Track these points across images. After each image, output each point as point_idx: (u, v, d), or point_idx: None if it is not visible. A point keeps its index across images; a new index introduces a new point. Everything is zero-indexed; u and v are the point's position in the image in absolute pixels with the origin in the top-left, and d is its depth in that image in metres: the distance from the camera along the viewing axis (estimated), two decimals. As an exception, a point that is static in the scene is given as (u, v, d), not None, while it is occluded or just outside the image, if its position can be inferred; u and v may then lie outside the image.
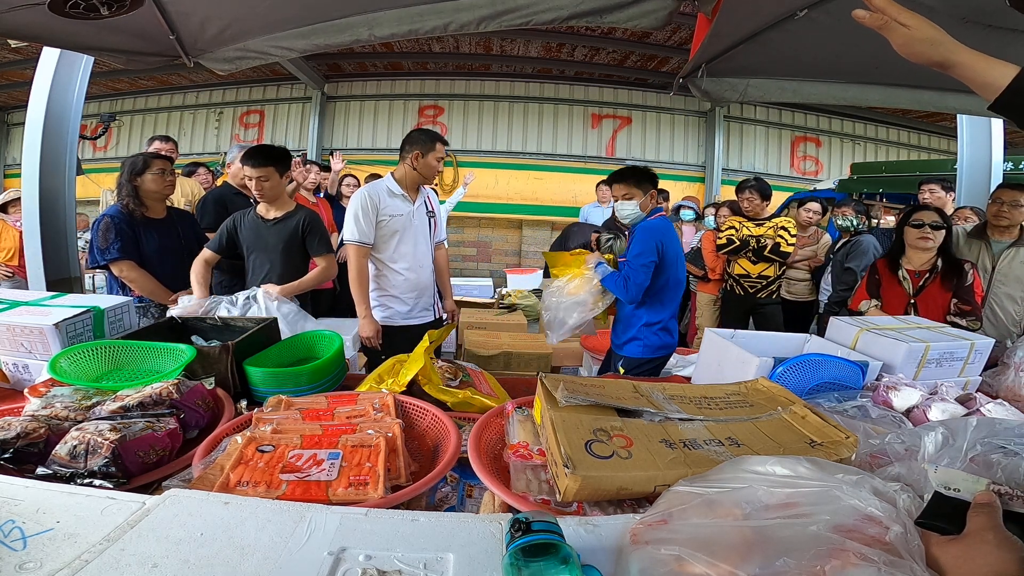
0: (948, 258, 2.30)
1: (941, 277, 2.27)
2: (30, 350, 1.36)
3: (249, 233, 2.33)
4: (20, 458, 0.88)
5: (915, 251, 2.35)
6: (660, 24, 1.87)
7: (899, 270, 2.37)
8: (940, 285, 2.27)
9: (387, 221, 2.35)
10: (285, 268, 2.31)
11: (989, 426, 0.75)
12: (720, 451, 0.82)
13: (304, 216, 2.37)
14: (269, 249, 2.33)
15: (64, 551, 0.61)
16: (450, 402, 1.27)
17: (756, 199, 3.70)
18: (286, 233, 2.33)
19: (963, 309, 2.20)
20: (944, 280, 2.26)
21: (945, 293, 2.26)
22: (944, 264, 2.28)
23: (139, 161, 2.38)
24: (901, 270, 2.36)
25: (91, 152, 8.29)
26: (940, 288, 2.27)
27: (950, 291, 2.25)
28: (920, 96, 2.48)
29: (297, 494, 0.80)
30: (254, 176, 2.25)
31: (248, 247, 2.35)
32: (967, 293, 2.22)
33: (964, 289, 2.23)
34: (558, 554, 0.55)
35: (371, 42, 2.24)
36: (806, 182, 8.12)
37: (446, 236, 2.74)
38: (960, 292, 2.23)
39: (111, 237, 2.29)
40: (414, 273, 2.45)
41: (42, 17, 1.81)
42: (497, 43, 7.11)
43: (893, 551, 0.52)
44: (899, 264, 2.38)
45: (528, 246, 8.25)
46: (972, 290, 2.23)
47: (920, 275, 2.32)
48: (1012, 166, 4.65)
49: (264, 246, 2.32)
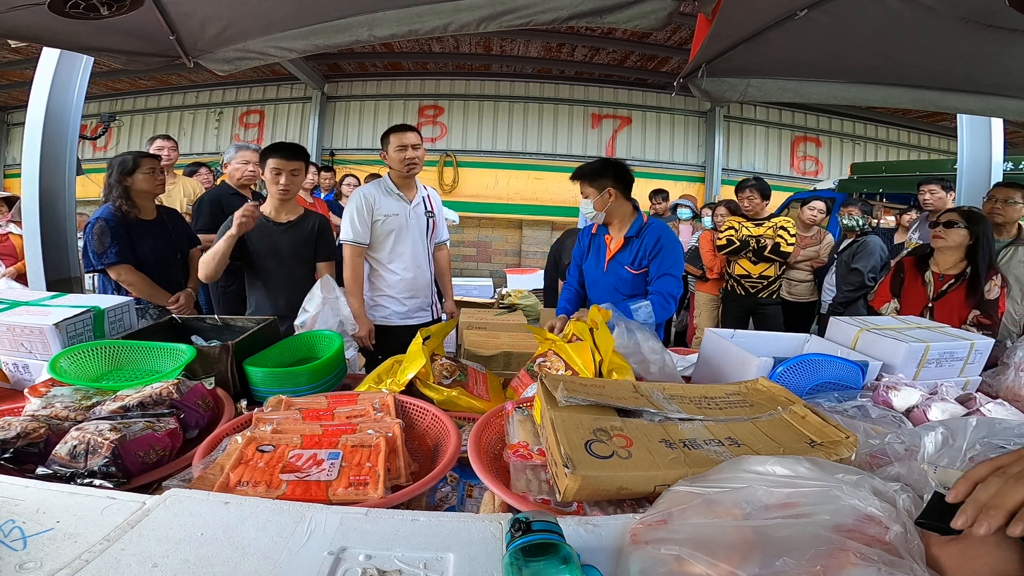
0: (978, 263, 2.19)
1: (967, 286, 2.19)
2: (30, 350, 1.36)
3: (258, 236, 2.17)
4: (20, 458, 0.88)
5: (939, 252, 2.28)
6: (660, 24, 1.86)
7: (927, 271, 2.31)
8: (963, 294, 2.20)
9: (382, 221, 2.34)
10: (295, 274, 2.24)
11: (989, 426, 0.75)
12: (720, 451, 0.82)
13: (318, 220, 2.31)
14: (280, 253, 2.21)
15: (64, 551, 0.62)
16: (436, 399, 1.27)
17: (756, 198, 3.70)
18: (300, 238, 2.25)
19: (983, 322, 2.12)
20: (969, 289, 2.19)
21: (965, 302, 2.18)
22: (971, 273, 2.20)
23: (129, 160, 2.32)
24: (928, 271, 2.31)
25: (91, 152, 8.28)
26: (962, 296, 2.20)
27: (971, 301, 2.17)
28: (921, 96, 2.48)
29: (297, 494, 0.80)
30: (286, 169, 2.12)
31: (256, 250, 2.19)
32: (991, 307, 2.15)
33: (988, 303, 2.15)
34: (558, 554, 0.55)
35: (371, 42, 2.23)
36: (806, 182, 8.11)
37: (448, 237, 2.73)
38: (984, 304, 2.15)
39: (107, 241, 2.25)
40: (410, 273, 2.44)
41: (42, 17, 1.81)
42: (497, 43, 7.11)
43: (893, 551, 0.52)
44: (927, 265, 2.32)
45: (528, 246, 8.25)
46: (996, 305, 2.16)
47: (945, 279, 2.26)
48: (1012, 166, 4.65)
49: (275, 250, 2.20)
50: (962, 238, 2.21)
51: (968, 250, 2.23)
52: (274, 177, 2.14)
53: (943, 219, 2.26)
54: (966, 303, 2.19)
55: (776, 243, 3.57)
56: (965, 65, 2.18)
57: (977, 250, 2.20)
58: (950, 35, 1.87)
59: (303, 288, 2.16)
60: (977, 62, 2.14)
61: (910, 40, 1.99)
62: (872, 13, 1.79)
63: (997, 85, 2.36)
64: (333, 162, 7.98)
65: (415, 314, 2.49)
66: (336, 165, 7.80)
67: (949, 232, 2.22)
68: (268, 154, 2.13)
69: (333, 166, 7.21)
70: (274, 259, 2.21)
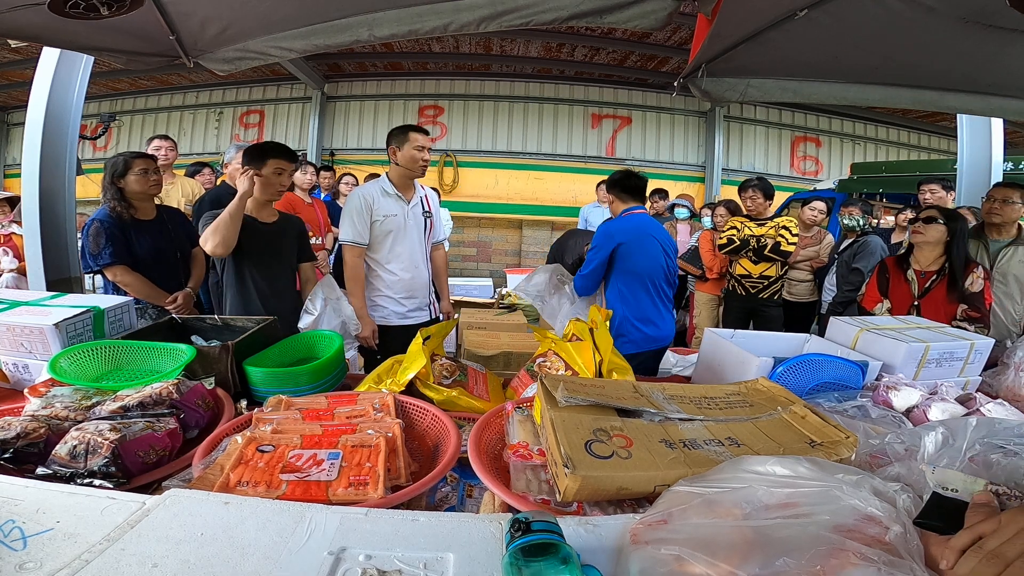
0: (953, 261, 2.25)
1: (948, 281, 2.24)
2: (30, 350, 1.36)
3: (247, 234, 2.10)
4: (20, 458, 0.88)
5: (918, 248, 2.33)
6: (660, 24, 1.86)
7: (908, 269, 2.34)
8: (946, 289, 2.24)
9: (381, 221, 2.34)
10: (280, 273, 2.25)
11: (988, 426, 0.75)
12: (720, 451, 0.82)
13: (297, 221, 2.35)
14: (267, 253, 2.21)
15: (64, 551, 0.62)
16: (435, 399, 1.27)
17: (759, 198, 3.69)
18: (285, 237, 2.27)
19: (971, 316, 2.16)
20: (950, 284, 2.23)
21: (950, 297, 2.22)
22: (950, 267, 2.25)
23: (120, 162, 2.32)
24: (910, 269, 2.34)
25: (91, 152, 8.29)
26: (946, 292, 2.24)
27: (956, 296, 2.21)
28: (921, 96, 2.48)
29: (297, 494, 0.80)
30: (288, 169, 2.16)
31: (242, 249, 2.11)
32: (977, 300, 2.18)
33: (974, 296, 2.19)
34: (558, 554, 0.55)
35: (371, 42, 2.23)
36: (806, 182, 8.12)
37: (446, 237, 2.73)
38: (970, 298, 2.19)
39: (102, 242, 2.26)
40: (408, 273, 2.44)
41: (42, 17, 1.81)
42: (497, 43, 7.11)
43: (893, 551, 0.52)
44: (908, 263, 2.36)
45: (528, 246, 8.25)
46: (982, 297, 2.20)
47: (927, 276, 2.30)
48: (1012, 166, 4.65)
49: (261, 249, 2.18)
50: (940, 234, 2.27)
51: (946, 246, 2.30)
52: (276, 177, 2.14)
53: (923, 215, 2.31)
54: (949, 298, 2.24)
55: (777, 243, 3.57)
56: (965, 65, 2.18)
57: (952, 247, 2.27)
58: (950, 35, 1.87)
59: (283, 289, 2.18)
60: (977, 62, 2.14)
61: (910, 40, 1.99)
62: (872, 13, 1.79)
63: (997, 85, 2.35)
64: (333, 162, 7.98)
65: (413, 314, 2.50)
66: (336, 165, 7.80)
67: (928, 228, 2.28)
68: (269, 154, 2.13)
69: (333, 166, 7.21)
70: (260, 258, 2.19)
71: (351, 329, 2.21)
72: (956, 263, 2.26)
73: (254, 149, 2.15)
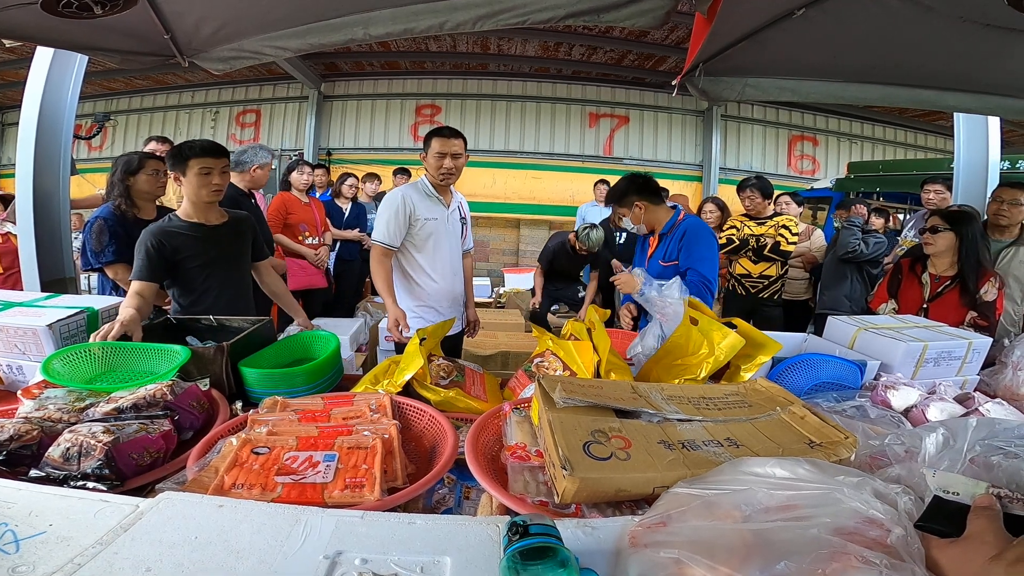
0: (963, 265, 2.20)
1: (960, 288, 2.20)
2: (24, 351, 1.35)
3: (191, 243, 1.94)
4: (13, 460, 0.88)
5: (933, 256, 2.29)
6: (658, 23, 1.86)
7: (924, 273, 2.31)
8: (958, 296, 2.20)
9: (422, 224, 2.24)
10: (241, 277, 2.13)
11: (989, 427, 0.74)
12: (719, 452, 0.82)
13: (248, 218, 2.18)
14: (224, 259, 2.04)
15: (57, 554, 0.61)
16: (433, 400, 1.26)
17: (757, 197, 3.69)
18: (240, 239, 2.10)
19: (979, 324, 2.11)
20: (962, 291, 2.19)
21: (961, 304, 2.18)
22: (961, 272, 2.20)
23: (134, 160, 2.33)
24: (925, 272, 2.31)
25: (86, 152, 8.25)
26: (957, 298, 2.20)
27: (965, 302, 2.17)
28: (918, 95, 2.48)
29: (292, 497, 0.79)
30: (217, 168, 1.93)
31: (193, 259, 1.95)
32: (987, 309, 2.14)
33: (985, 304, 2.15)
34: (556, 557, 0.55)
35: (366, 41, 2.22)
36: (803, 181, 8.13)
37: (472, 245, 2.63)
38: (981, 307, 2.15)
39: (105, 240, 2.26)
40: (448, 282, 2.35)
41: (35, 17, 1.80)
42: (494, 42, 7.10)
43: (894, 554, 0.52)
44: (924, 267, 2.33)
45: (526, 245, 8.24)
46: (993, 306, 2.15)
47: (941, 280, 2.26)
48: (1009, 165, 4.67)
49: (215, 256, 2.00)
50: (950, 241, 2.23)
51: (957, 250, 2.25)
52: (204, 179, 1.91)
53: (928, 224, 2.28)
54: (960, 305, 2.19)
55: (776, 242, 3.57)
56: (963, 64, 2.18)
57: (962, 250, 2.21)
58: (948, 34, 1.87)
59: (239, 293, 2.08)
60: (975, 61, 2.14)
61: (908, 39, 1.99)
62: (870, 12, 1.79)
63: (995, 84, 2.36)
64: (330, 162, 7.95)
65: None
66: (333, 165, 7.78)
67: (936, 237, 2.24)
68: (191, 154, 1.90)
69: (328, 165, 7.18)
70: (216, 265, 2.02)
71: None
72: (967, 267, 2.19)
73: (174, 152, 1.94)
